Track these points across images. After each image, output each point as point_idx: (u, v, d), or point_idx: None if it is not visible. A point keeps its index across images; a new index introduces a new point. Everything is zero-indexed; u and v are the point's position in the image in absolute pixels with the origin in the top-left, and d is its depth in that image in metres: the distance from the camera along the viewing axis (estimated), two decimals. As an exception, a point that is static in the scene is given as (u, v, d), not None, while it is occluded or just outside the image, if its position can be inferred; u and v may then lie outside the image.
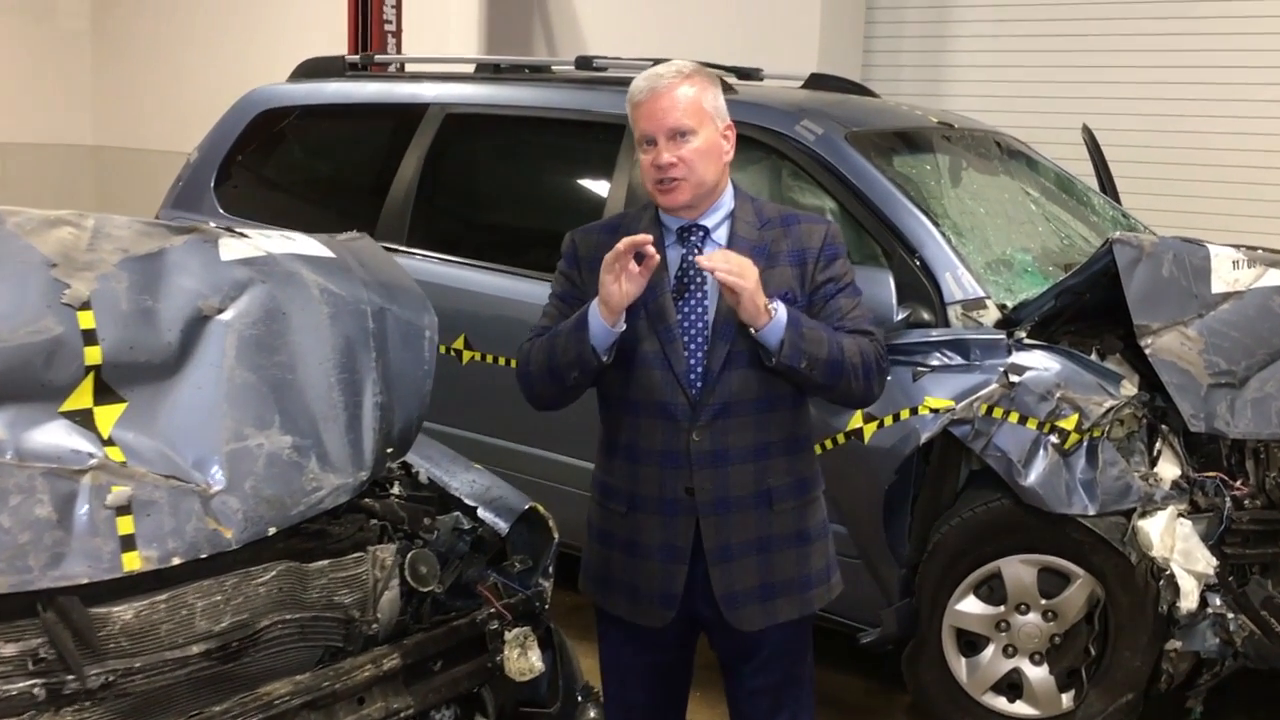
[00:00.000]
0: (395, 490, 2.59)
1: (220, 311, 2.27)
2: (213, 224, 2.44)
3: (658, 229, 2.47)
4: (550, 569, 2.81)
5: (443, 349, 4.38)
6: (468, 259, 4.51)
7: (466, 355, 4.40)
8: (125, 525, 2.05)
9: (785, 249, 2.46)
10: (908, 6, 7.26)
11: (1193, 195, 6.27)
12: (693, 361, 2.41)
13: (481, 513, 2.73)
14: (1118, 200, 4.93)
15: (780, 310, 2.34)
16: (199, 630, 2.14)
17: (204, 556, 2.13)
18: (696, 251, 2.44)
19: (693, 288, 2.43)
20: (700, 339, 2.41)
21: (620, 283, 2.29)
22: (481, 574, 2.67)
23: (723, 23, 7.17)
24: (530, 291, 4.27)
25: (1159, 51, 6.39)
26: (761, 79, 4.90)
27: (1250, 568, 3.55)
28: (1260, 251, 3.78)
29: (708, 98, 2.40)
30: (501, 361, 4.32)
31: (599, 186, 4.36)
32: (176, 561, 2.10)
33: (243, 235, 2.41)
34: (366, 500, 2.46)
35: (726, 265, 2.26)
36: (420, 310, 2.62)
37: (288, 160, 5.39)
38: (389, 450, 2.46)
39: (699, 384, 2.40)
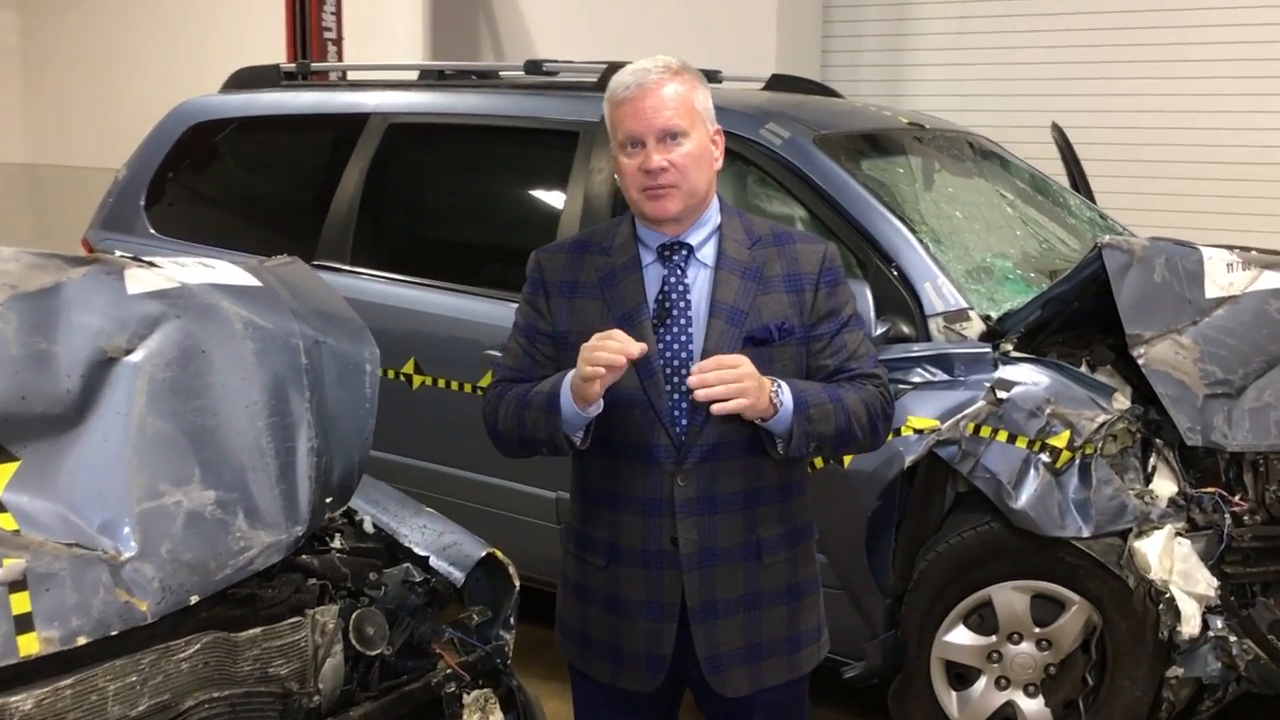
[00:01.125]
0: (337, 543, 2.33)
1: (128, 352, 2.00)
2: (119, 252, 2.17)
3: (634, 245, 2.24)
4: (512, 619, 2.58)
5: (391, 374, 4.14)
6: (415, 278, 4.26)
7: (417, 380, 4.15)
8: (20, 603, 1.78)
9: (780, 272, 2.22)
10: (867, 4, 7.07)
11: (1165, 194, 6.11)
12: (676, 397, 2.16)
13: (435, 562, 2.49)
14: (1093, 200, 4.75)
15: (785, 395, 2.10)
16: (112, 717, 1.87)
17: (115, 633, 1.87)
18: (679, 272, 2.20)
19: (675, 314, 2.18)
20: (684, 372, 2.15)
21: (600, 381, 2.03)
22: (436, 630, 2.44)
23: (675, 24, 6.95)
24: (483, 311, 4.05)
25: (1128, 46, 6.23)
26: (720, 81, 4.68)
27: (1251, 587, 3.37)
28: (1254, 253, 3.60)
29: (698, 97, 2.18)
30: (454, 386, 4.07)
31: (553, 197, 4.13)
32: (83, 641, 1.84)
33: (153, 265, 2.14)
34: (303, 557, 2.20)
35: (723, 385, 2.01)
36: (359, 341, 2.36)
37: (222, 176, 5.13)
38: (328, 500, 2.21)
39: (684, 423, 2.16)
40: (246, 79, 5.12)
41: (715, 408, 2.03)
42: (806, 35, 7.06)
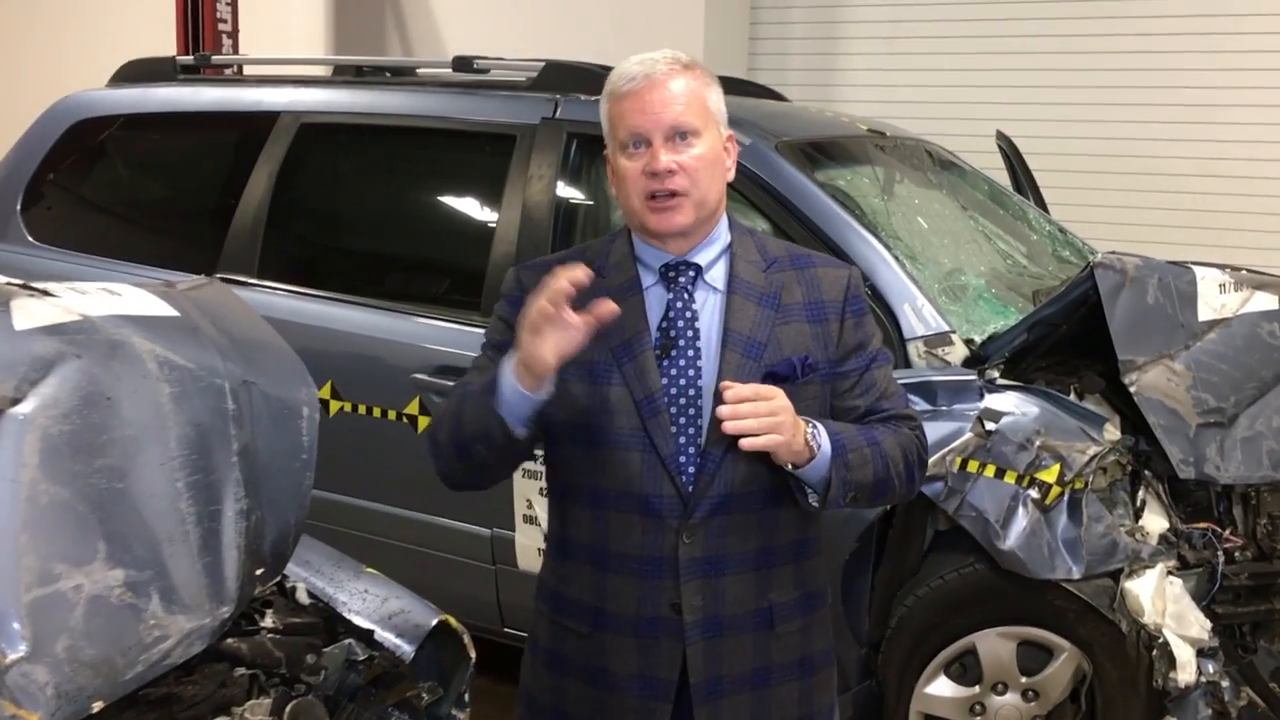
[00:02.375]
0: (268, 620, 1.95)
1: (15, 402, 1.61)
2: (2, 279, 1.78)
3: (633, 265, 1.92)
4: (466, 696, 2.25)
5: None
6: (332, 293, 3.88)
7: (334, 406, 3.76)
8: (-128, 727, 1.39)
9: (800, 299, 1.93)
10: (794, 5, 6.83)
11: (1108, 205, 5.97)
12: (683, 440, 1.86)
13: (380, 634, 2.13)
14: (1046, 211, 4.54)
15: (823, 438, 1.82)
16: None
17: (-2, 756, 1.49)
18: (686, 296, 1.90)
19: (682, 343, 1.88)
20: (692, 411, 1.86)
21: (548, 337, 1.73)
22: (383, 713, 2.07)
23: (598, 21, 6.65)
24: (408, 330, 3.69)
25: (1073, 54, 6.08)
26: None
27: (1240, 627, 3.18)
28: (1244, 272, 3.40)
29: (712, 96, 1.90)
30: (376, 412, 3.70)
31: (485, 206, 3.79)
32: (-45, 768, 1.46)
33: (46, 294, 1.75)
34: (230, 641, 1.82)
35: (755, 419, 1.74)
36: (295, 381, 2.00)
37: (110, 178, 4.67)
38: (259, 571, 1.84)
39: (691, 470, 1.86)
40: (137, 72, 4.68)
41: (745, 443, 1.74)
42: (733, 35, 6.82)
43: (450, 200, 4.10)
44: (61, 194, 4.61)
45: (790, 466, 1.82)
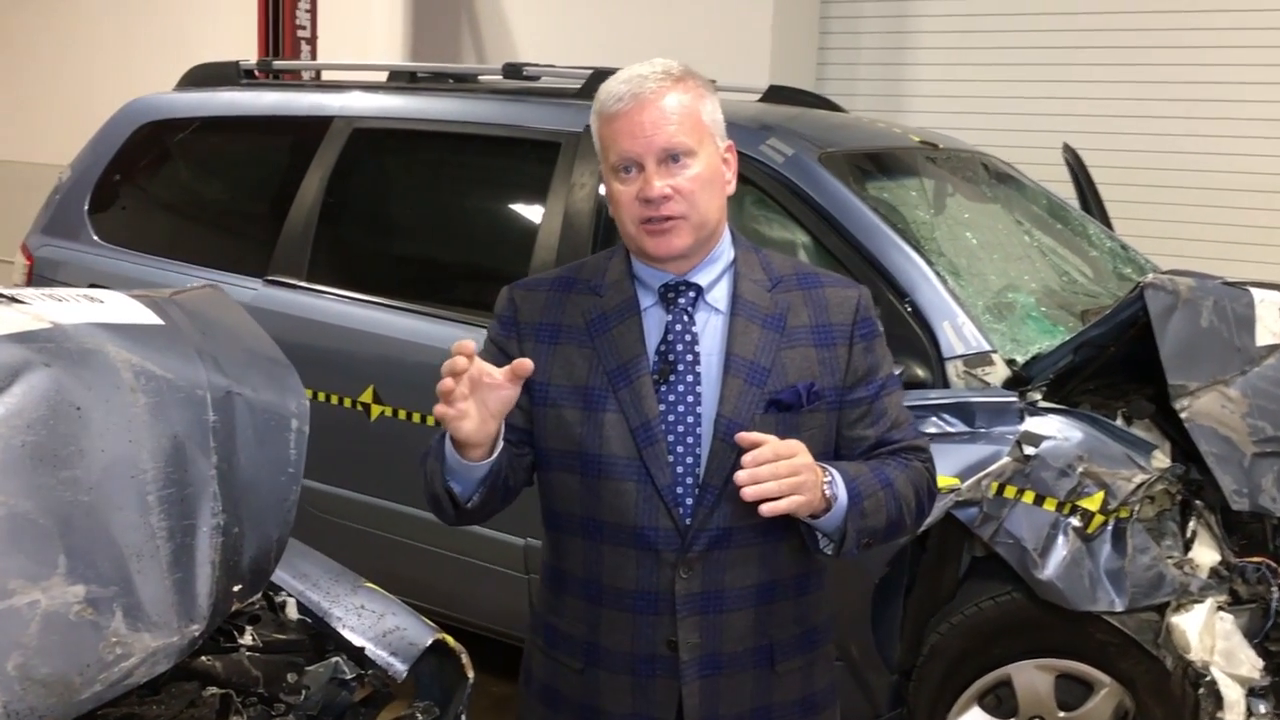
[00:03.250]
0: (248, 637, 1.92)
1: (-23, 413, 1.60)
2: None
3: (631, 285, 1.86)
4: (464, 716, 2.18)
5: (348, 403, 3.76)
6: (378, 297, 3.87)
7: (375, 410, 3.76)
8: None
9: (806, 321, 1.85)
10: (864, 16, 6.70)
11: (1179, 221, 5.75)
12: (680, 471, 1.79)
13: (372, 652, 2.08)
14: (1110, 228, 4.38)
15: (839, 488, 1.74)
16: None
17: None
18: (686, 319, 1.83)
19: (681, 368, 1.81)
20: (692, 438, 1.79)
21: (469, 410, 1.67)
22: (370, 737, 2.03)
23: (666, 30, 6.58)
24: (450, 336, 3.65)
25: (1143, 65, 5.85)
26: (715, 91, 4.30)
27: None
28: (1305, 294, 3.23)
29: (706, 108, 1.81)
30: (416, 418, 3.69)
31: (531, 213, 3.75)
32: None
33: (15, 300, 1.73)
34: (203, 659, 1.79)
35: (776, 482, 1.65)
36: (284, 391, 1.96)
37: (174, 180, 4.75)
38: (236, 589, 1.80)
39: (689, 503, 1.79)
40: (203, 76, 4.75)
41: (765, 508, 1.66)
42: (802, 45, 6.71)
43: (495, 206, 4.07)
44: (129, 195, 4.69)
45: (809, 519, 1.76)
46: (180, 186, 4.76)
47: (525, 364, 1.67)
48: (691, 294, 1.85)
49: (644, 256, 1.84)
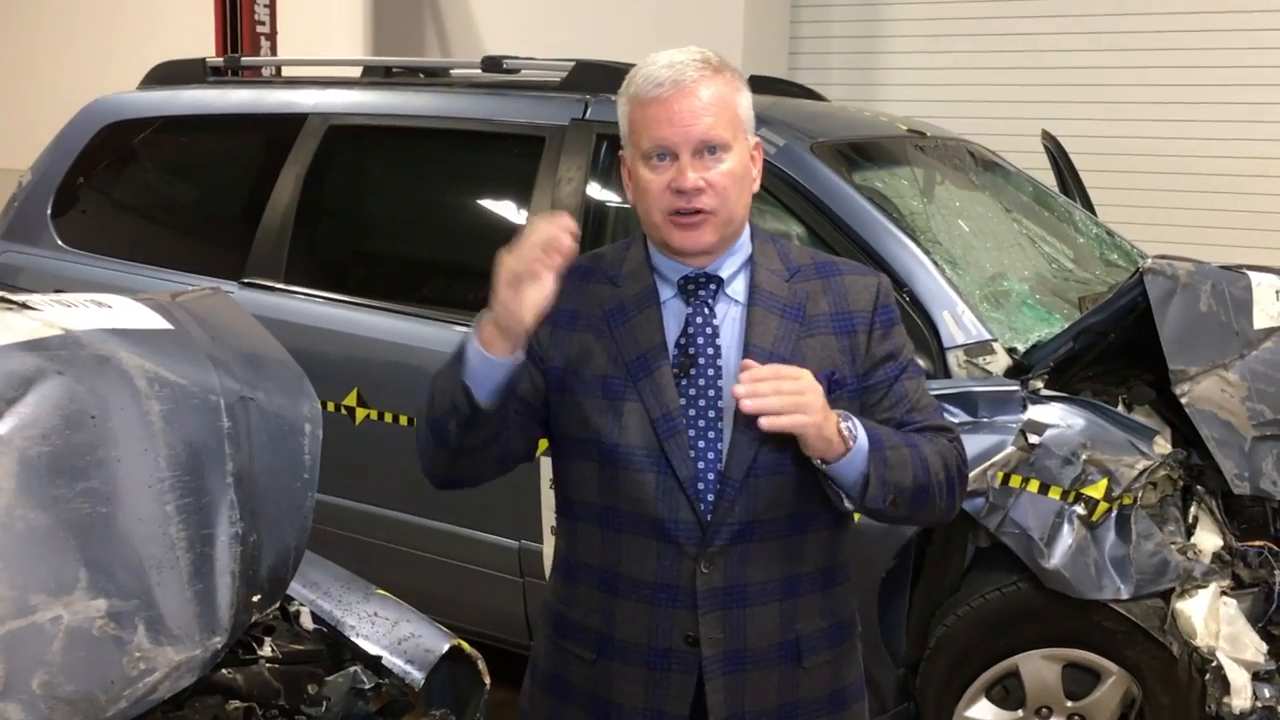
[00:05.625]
0: (267, 649, 1.86)
1: (-9, 423, 1.53)
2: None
3: (650, 276, 1.82)
4: (480, 725, 2.14)
5: (331, 406, 3.68)
6: (359, 298, 3.80)
7: (360, 414, 3.69)
8: None
9: (826, 310, 1.81)
10: (835, 4, 6.70)
11: (1161, 207, 5.78)
12: (702, 465, 1.75)
13: (388, 660, 2.03)
14: (1094, 214, 4.39)
15: (859, 432, 1.69)
16: None
17: (-30, 799, 1.41)
18: (706, 311, 1.79)
19: (702, 362, 1.77)
20: (713, 432, 1.75)
21: (527, 291, 1.62)
22: (389, 746, 1.98)
23: (636, 20, 6.54)
24: (435, 336, 3.60)
25: (1121, 51, 5.88)
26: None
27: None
28: (1302, 276, 3.25)
29: (742, 102, 1.77)
30: (403, 420, 3.62)
31: (514, 209, 3.69)
32: (-78, 813, 1.37)
33: (26, 307, 1.66)
34: (224, 672, 1.74)
35: (778, 397, 1.61)
36: (296, 395, 1.91)
37: (140, 182, 4.62)
38: (255, 599, 1.75)
39: (711, 496, 1.75)
40: (168, 75, 4.62)
41: (765, 422, 1.62)
42: (774, 34, 6.69)
43: (479, 203, 4.01)
44: (92, 198, 4.57)
45: (821, 462, 1.70)
46: (147, 188, 4.64)
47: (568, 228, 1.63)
48: (712, 286, 1.81)
49: (667, 249, 1.80)
